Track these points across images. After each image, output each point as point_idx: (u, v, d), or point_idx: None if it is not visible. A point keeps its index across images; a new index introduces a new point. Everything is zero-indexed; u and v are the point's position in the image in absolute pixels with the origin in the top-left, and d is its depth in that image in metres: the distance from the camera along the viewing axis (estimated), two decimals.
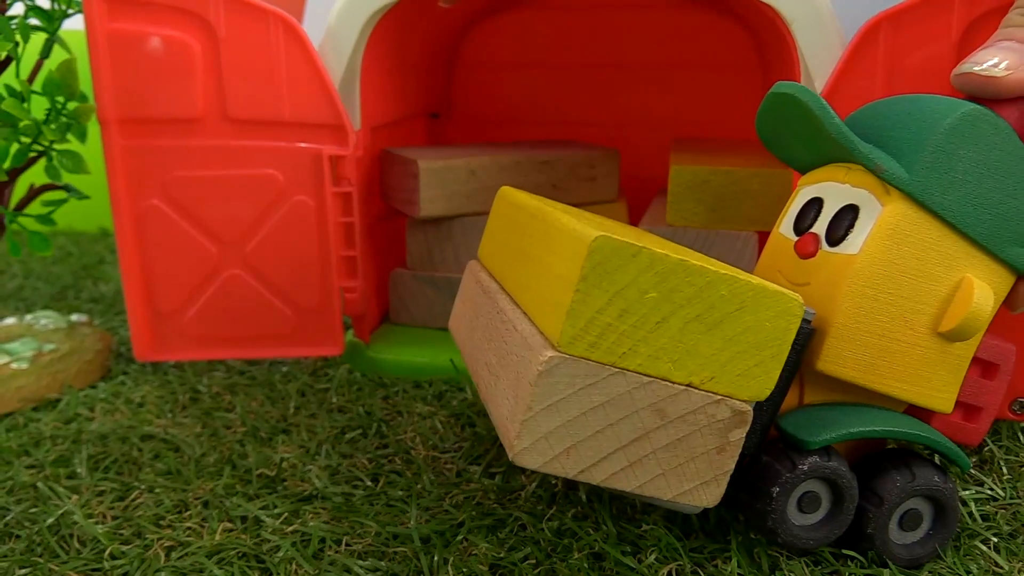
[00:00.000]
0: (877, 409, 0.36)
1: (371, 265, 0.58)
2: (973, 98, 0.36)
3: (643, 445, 0.30)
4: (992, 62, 0.35)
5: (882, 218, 0.34)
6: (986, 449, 0.43)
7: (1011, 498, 0.40)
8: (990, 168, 0.34)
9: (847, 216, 0.35)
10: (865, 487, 0.35)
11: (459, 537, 0.37)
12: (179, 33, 0.51)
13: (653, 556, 0.36)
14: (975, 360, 0.37)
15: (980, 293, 0.34)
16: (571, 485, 0.41)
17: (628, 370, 0.29)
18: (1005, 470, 0.42)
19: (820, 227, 0.36)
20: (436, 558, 0.36)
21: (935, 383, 0.35)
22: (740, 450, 0.31)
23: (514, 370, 0.30)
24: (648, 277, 0.28)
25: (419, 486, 0.41)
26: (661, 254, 0.28)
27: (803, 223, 0.37)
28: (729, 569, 0.35)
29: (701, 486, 0.30)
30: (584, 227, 0.29)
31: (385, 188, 0.59)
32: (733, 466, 0.31)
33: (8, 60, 0.52)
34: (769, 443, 0.35)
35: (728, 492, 0.37)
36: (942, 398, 0.36)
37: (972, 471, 0.42)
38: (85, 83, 0.52)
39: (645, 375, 0.29)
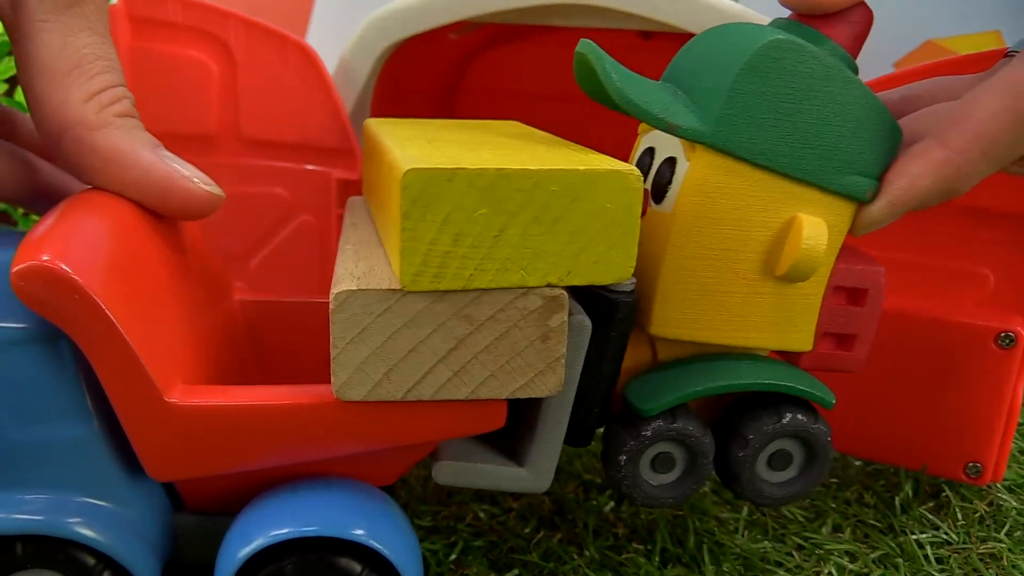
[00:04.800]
0: (727, 361, 0.35)
1: None
2: (802, 17, 0.34)
3: (462, 353, 0.29)
4: None
5: (688, 175, 0.32)
6: (943, 495, 0.47)
7: (964, 543, 0.43)
8: (801, 101, 0.32)
9: (667, 171, 0.34)
10: (733, 429, 0.35)
11: (452, 556, 0.39)
12: (199, 53, 0.53)
13: None
14: (839, 289, 0.36)
15: (811, 232, 0.32)
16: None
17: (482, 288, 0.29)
18: (960, 516, 0.45)
19: (650, 182, 0.35)
20: (431, 575, 0.38)
21: (785, 326, 0.35)
22: (566, 333, 0.30)
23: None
24: (472, 196, 0.27)
25: (412, 504, 0.44)
26: (476, 170, 0.27)
27: None
28: None
29: (536, 377, 0.30)
30: (405, 157, 0.28)
31: None
32: (564, 350, 0.30)
33: None
34: (622, 410, 0.35)
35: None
36: (798, 338, 0.35)
37: (928, 515, 0.45)
38: None
39: (499, 289, 0.29)
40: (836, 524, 0.44)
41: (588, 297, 0.32)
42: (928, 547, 0.42)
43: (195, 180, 0.34)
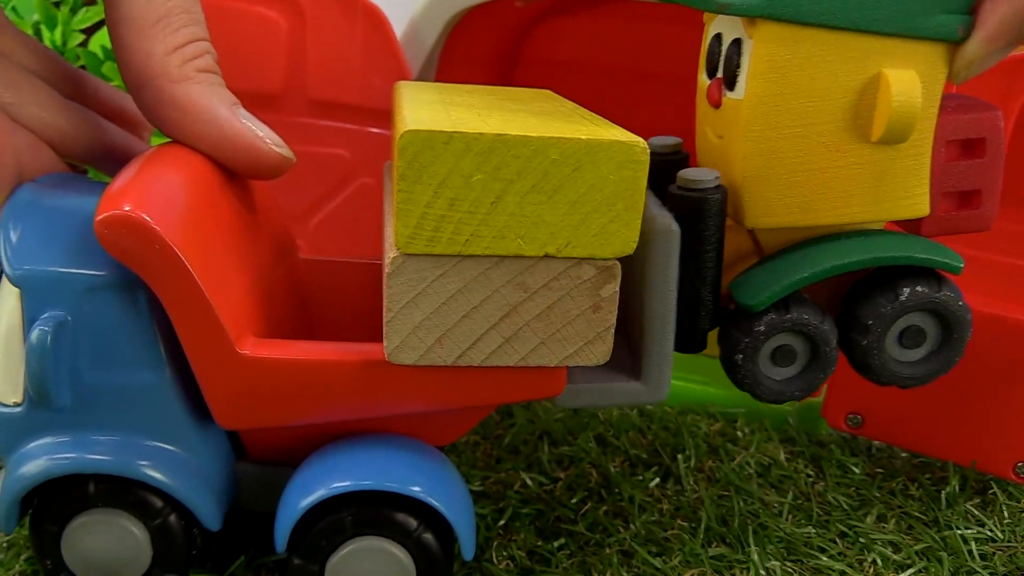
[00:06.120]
0: (832, 242, 0.33)
1: None
2: None
3: (514, 320, 0.29)
4: None
5: (753, 54, 0.30)
6: (990, 492, 0.46)
7: (1009, 541, 0.43)
8: None
9: (734, 54, 0.31)
10: (852, 316, 0.33)
11: (501, 522, 0.40)
12: (269, 11, 0.53)
13: (677, 559, 0.39)
14: (950, 143, 0.33)
15: (900, 87, 0.30)
16: None
17: (477, 255, 0.28)
18: (1006, 514, 0.45)
19: (722, 69, 0.33)
20: (480, 538, 0.39)
21: (893, 194, 0.32)
22: (617, 304, 0.30)
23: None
24: (468, 160, 0.27)
25: (462, 468, 0.44)
26: (474, 134, 0.27)
27: (711, 64, 0.34)
28: None
29: (585, 346, 0.30)
30: (408, 119, 0.28)
31: None
32: (614, 320, 0.30)
33: (102, 22, 0.54)
34: (734, 310, 0.34)
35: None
36: (911, 205, 0.33)
37: (974, 511, 0.45)
38: None
39: (496, 256, 0.28)
40: (881, 514, 0.44)
41: (674, 198, 0.31)
42: (972, 543, 0.42)
43: (267, 141, 0.34)
